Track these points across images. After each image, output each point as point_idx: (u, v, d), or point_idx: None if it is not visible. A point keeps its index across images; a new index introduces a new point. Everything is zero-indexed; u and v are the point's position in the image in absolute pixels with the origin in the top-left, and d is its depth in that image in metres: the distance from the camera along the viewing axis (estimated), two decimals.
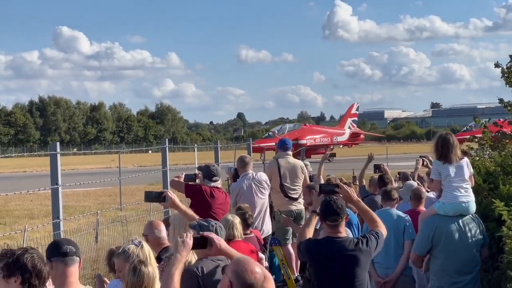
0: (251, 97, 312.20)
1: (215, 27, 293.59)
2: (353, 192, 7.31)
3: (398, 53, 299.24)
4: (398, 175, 14.85)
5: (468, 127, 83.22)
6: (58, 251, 5.53)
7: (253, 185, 12.36)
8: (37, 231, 15.29)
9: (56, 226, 10.22)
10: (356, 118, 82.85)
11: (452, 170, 8.55)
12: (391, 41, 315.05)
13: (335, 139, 74.99)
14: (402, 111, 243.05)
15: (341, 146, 76.76)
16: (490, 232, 8.92)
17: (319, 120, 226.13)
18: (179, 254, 5.36)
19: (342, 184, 7.52)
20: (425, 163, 13.36)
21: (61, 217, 10.21)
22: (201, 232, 5.81)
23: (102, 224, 15.15)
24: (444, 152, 8.59)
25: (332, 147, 71.12)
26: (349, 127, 79.06)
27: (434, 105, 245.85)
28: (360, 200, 7.39)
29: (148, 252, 6.62)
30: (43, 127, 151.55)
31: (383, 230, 7.17)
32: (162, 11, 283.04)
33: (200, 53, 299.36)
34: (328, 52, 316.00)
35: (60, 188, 10.28)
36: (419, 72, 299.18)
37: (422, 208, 10.42)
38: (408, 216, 10.10)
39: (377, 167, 14.29)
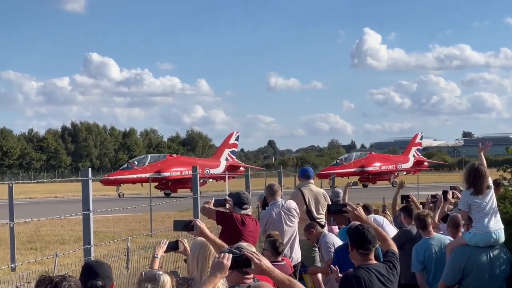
0: (281, 125, 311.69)
1: (244, 55, 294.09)
2: (361, 211, 7.35)
3: (428, 81, 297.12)
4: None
5: (338, 161, 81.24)
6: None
7: (282, 213, 12.35)
8: (67, 256, 15.34)
9: (87, 252, 10.26)
10: (235, 149, 76.76)
11: (482, 200, 8.50)
12: (421, 70, 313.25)
13: (206, 171, 67.64)
14: (434, 140, 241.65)
15: (212, 179, 69.15)
16: None
17: (350, 148, 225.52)
18: (213, 276, 5.34)
19: (350, 203, 7.56)
20: (454, 195, 13.17)
21: (92, 242, 10.25)
22: (243, 251, 5.73)
23: (132, 250, 15.16)
24: (475, 183, 8.54)
25: (202, 180, 63.05)
26: (227, 158, 73.49)
27: (466, 134, 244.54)
28: (368, 218, 7.40)
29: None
30: (74, 152, 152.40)
31: (395, 248, 7.22)
32: (191, 38, 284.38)
33: (230, 80, 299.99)
34: (357, 80, 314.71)
35: (91, 214, 10.33)
36: (450, 101, 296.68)
37: (459, 235, 10.33)
38: None
39: (405, 198, 14.12)
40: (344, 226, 11.28)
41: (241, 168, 74.11)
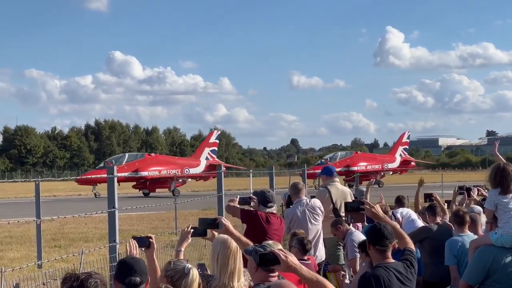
0: (303, 123, 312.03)
1: (266, 53, 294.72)
2: (379, 209, 7.35)
3: (451, 80, 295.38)
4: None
5: (323, 160, 78.97)
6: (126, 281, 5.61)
7: (307, 211, 12.32)
8: (91, 254, 15.42)
9: (112, 249, 10.29)
10: (216, 148, 75.12)
11: (510, 200, 8.44)
12: (443, 68, 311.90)
13: (186, 171, 67.44)
14: (457, 139, 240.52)
15: (192, 179, 69.73)
16: None
17: (373, 147, 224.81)
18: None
19: (367, 201, 7.57)
20: (479, 192, 13.13)
21: (117, 240, 10.27)
22: (269, 248, 5.71)
23: (157, 248, 15.23)
24: (502, 183, 8.48)
25: (181, 179, 65.60)
26: (207, 158, 71.94)
27: (490, 133, 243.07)
28: (386, 216, 7.40)
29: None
30: (97, 150, 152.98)
31: (413, 246, 7.23)
32: (213, 36, 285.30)
33: (252, 79, 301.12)
34: (380, 79, 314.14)
35: (117, 212, 10.36)
36: (473, 99, 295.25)
37: (480, 233, 10.29)
38: None
39: (428, 196, 14.06)
40: (367, 224, 11.25)
41: (223, 168, 72.40)
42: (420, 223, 13.20)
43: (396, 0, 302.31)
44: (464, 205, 12.73)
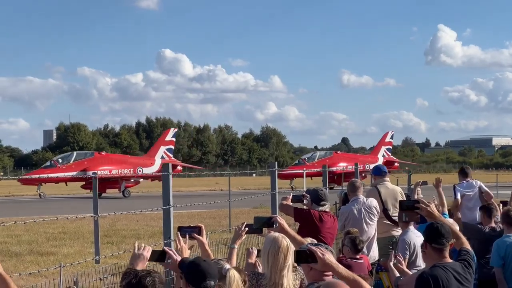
0: (354, 122, 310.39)
1: (317, 52, 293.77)
2: (434, 208, 7.32)
3: (504, 79, 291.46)
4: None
5: (301, 160, 76.09)
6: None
7: (363, 210, 12.28)
8: None
9: (167, 246, 10.35)
10: (172, 146, 71.50)
11: None
12: (497, 67, 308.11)
13: (139, 170, 64.08)
14: (511, 139, 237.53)
15: (144, 179, 66.41)
16: None
17: (424, 146, 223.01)
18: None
19: (423, 200, 7.52)
20: None
21: (172, 237, 10.31)
22: (309, 246, 5.72)
23: (209, 246, 15.26)
24: None
25: (133, 179, 63.71)
26: (162, 157, 68.16)
27: None
28: (441, 216, 7.36)
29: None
30: (148, 148, 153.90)
31: (469, 246, 7.20)
32: (264, 34, 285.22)
33: (302, 77, 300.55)
34: (431, 78, 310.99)
35: (171, 209, 10.42)
36: None
37: None
38: None
39: (504, 204, 13.89)
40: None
41: (179, 167, 70.08)
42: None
43: None
44: None
